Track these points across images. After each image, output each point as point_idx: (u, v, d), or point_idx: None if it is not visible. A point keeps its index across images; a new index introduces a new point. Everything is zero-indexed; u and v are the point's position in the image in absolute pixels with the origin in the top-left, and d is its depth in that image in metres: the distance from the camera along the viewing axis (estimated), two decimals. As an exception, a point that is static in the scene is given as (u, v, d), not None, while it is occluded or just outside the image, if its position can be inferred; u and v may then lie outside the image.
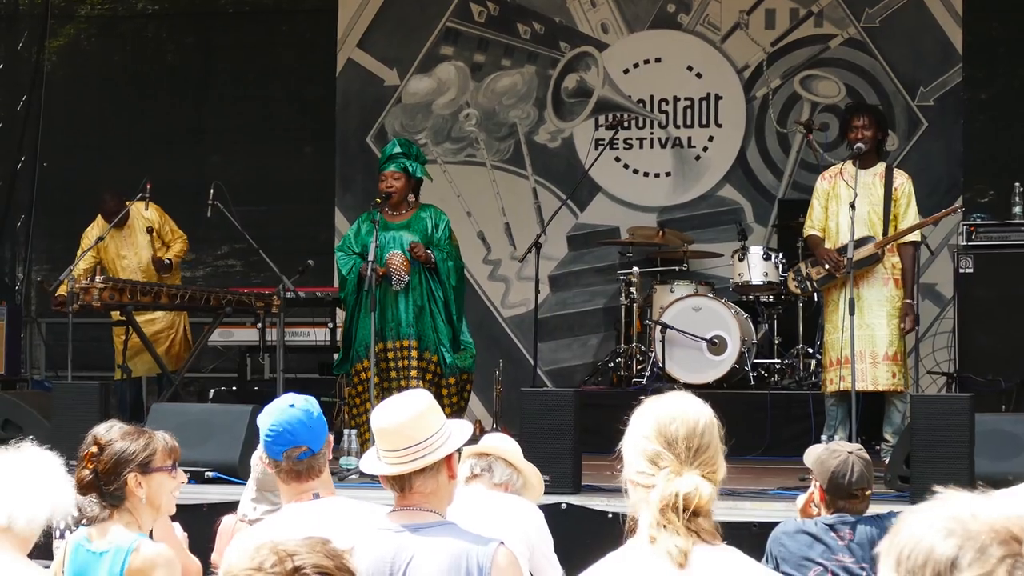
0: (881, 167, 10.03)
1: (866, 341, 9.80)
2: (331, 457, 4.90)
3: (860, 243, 9.78)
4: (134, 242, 11.98)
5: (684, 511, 3.15)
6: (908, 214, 9.95)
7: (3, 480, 4.09)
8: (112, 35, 15.32)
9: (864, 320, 9.79)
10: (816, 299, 11.36)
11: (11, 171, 15.03)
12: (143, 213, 12.01)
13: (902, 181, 10.00)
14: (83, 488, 4.88)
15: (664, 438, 3.26)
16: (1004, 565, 2.10)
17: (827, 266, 9.98)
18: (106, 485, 4.90)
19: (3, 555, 4.01)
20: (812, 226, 10.19)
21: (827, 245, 10.04)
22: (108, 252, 11.93)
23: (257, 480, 5.99)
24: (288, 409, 4.66)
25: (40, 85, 15.07)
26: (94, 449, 4.96)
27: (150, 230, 11.91)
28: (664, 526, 3.15)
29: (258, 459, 6.01)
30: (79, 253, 11.78)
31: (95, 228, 11.98)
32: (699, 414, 3.35)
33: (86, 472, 4.93)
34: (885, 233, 9.83)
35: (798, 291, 10.58)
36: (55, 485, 4.21)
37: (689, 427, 3.29)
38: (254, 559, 2.63)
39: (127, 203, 11.89)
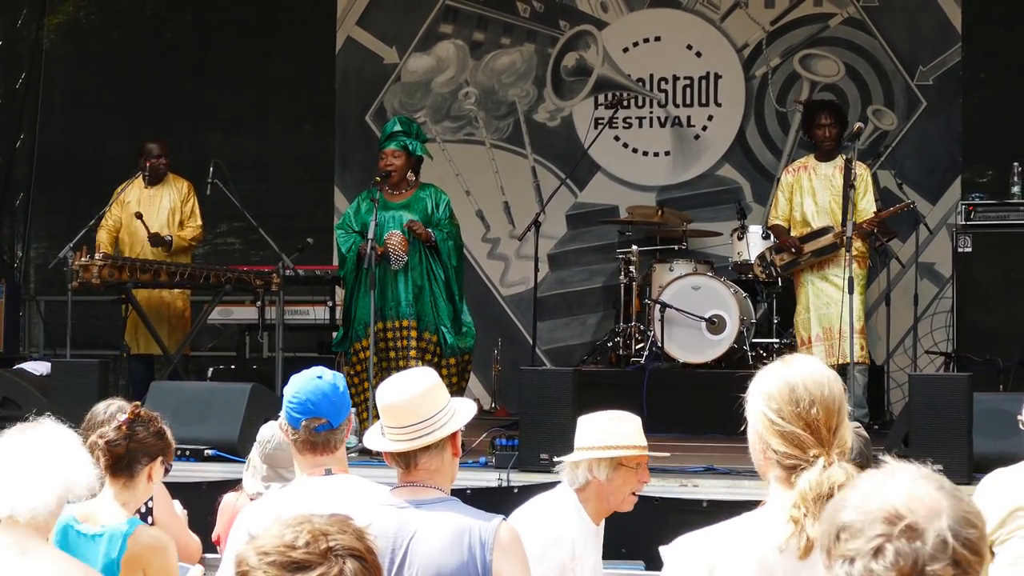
0: (840, 159, 10.72)
1: (834, 318, 10.44)
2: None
3: (821, 232, 10.65)
4: (158, 204, 11.90)
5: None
6: (865, 199, 10.73)
7: (7, 465, 3.80)
8: (111, 12, 15.29)
9: (832, 299, 10.55)
10: (780, 283, 11.56)
11: (10, 149, 15.02)
12: (176, 184, 11.98)
13: (860, 172, 10.62)
14: (112, 455, 4.87)
15: (804, 421, 3.21)
16: (875, 542, 2.19)
17: (792, 252, 10.79)
18: (134, 463, 4.91)
19: (8, 548, 3.72)
20: (776, 216, 11.08)
21: (792, 233, 10.94)
22: (129, 208, 11.86)
23: (268, 456, 5.97)
24: (315, 380, 4.63)
25: (39, 62, 15.05)
26: (131, 416, 4.96)
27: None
28: (807, 514, 3.13)
29: (270, 432, 6.01)
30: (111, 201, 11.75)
31: (131, 187, 11.87)
32: (834, 390, 3.26)
33: (120, 440, 4.91)
34: (844, 219, 10.33)
35: (763, 276, 11.27)
36: (65, 466, 3.87)
37: (828, 408, 3.23)
38: (286, 535, 2.60)
39: (170, 172, 11.97)
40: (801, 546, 3.13)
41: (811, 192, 10.73)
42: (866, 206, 10.69)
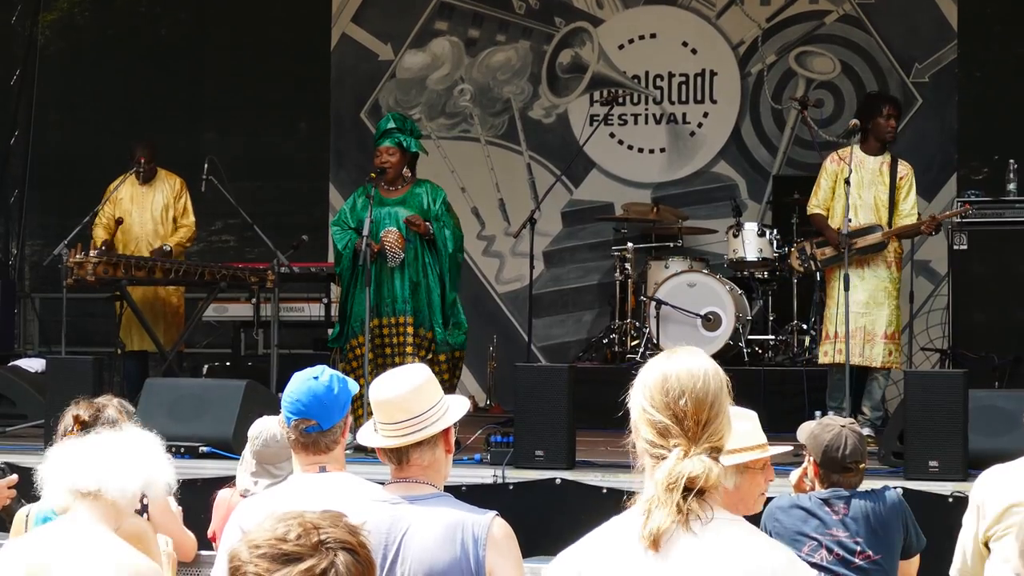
0: (887, 156, 10.41)
1: (866, 320, 10.13)
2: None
3: (867, 231, 10.18)
4: (150, 202, 11.85)
5: (690, 491, 3.07)
6: (908, 200, 10.36)
7: (97, 450, 4.12)
8: (106, 9, 15.26)
9: (866, 300, 10.16)
10: (819, 277, 11.39)
11: (4, 146, 14.99)
12: (168, 181, 11.93)
13: (905, 173, 10.41)
14: None
15: (672, 412, 3.15)
16: None
17: (840, 249, 10.13)
18: None
19: (92, 523, 3.99)
20: (817, 205, 10.48)
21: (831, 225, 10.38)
22: (122, 205, 11.82)
23: (256, 453, 5.98)
24: (310, 381, 4.58)
25: (34, 59, 15.01)
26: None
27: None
28: (660, 504, 3.08)
29: (258, 429, 6.02)
30: (102, 200, 11.69)
31: (123, 184, 11.81)
32: (708, 384, 3.18)
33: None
34: (889, 219, 10.22)
35: (801, 269, 10.77)
36: (151, 459, 4.24)
37: (698, 401, 3.16)
38: (277, 529, 2.59)
39: (158, 168, 11.88)
40: (646, 536, 3.06)
41: (856, 184, 10.22)
42: (908, 207, 10.37)
